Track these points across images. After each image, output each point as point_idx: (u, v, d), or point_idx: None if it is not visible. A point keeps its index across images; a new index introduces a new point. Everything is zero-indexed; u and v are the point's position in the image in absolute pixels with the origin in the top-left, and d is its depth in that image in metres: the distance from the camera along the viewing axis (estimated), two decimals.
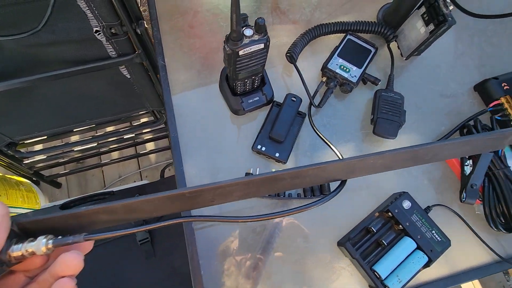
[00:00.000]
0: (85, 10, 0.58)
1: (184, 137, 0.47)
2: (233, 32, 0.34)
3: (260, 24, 0.34)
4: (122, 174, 1.24)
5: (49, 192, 1.21)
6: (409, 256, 0.40)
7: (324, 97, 0.47)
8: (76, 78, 0.74)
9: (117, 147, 1.20)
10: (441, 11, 0.44)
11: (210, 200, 0.23)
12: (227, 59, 0.38)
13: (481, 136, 0.28)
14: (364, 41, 0.51)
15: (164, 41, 0.52)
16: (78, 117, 0.89)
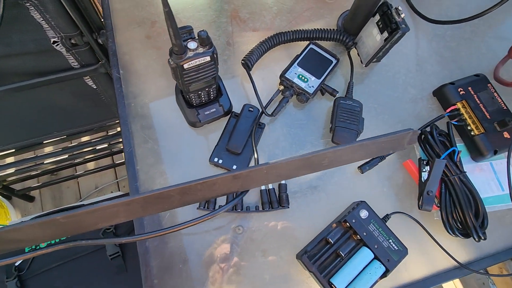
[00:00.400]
0: (40, 21, 0.56)
1: (141, 150, 0.46)
2: (174, 46, 0.33)
3: (202, 37, 0.34)
4: (98, 185, 1.21)
5: (22, 206, 1.17)
6: (367, 266, 0.39)
7: (279, 106, 0.47)
8: (40, 90, 0.72)
9: (93, 158, 1.17)
10: (393, 19, 0.44)
11: (93, 224, 0.22)
12: (173, 73, 0.37)
13: (374, 139, 0.29)
14: (327, 52, 0.51)
15: (120, 52, 0.51)
16: (45, 129, 0.86)
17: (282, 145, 0.48)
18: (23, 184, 1.14)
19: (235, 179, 0.26)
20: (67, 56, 0.65)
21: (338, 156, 0.28)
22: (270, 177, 0.28)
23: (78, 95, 0.77)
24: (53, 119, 0.82)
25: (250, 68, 0.47)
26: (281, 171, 0.27)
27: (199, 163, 0.46)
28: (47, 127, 0.85)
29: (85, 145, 1.02)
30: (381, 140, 0.29)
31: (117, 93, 0.48)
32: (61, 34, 0.60)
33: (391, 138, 0.29)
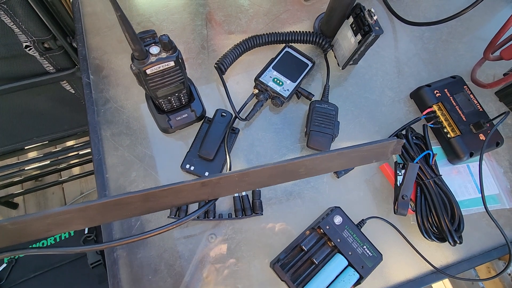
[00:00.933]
0: (11, 26, 0.55)
1: (110, 158, 0.45)
2: (134, 51, 0.32)
3: (164, 41, 0.33)
4: (84, 191, 1.19)
5: (5, 213, 1.14)
6: (340, 274, 0.38)
7: (253, 110, 0.46)
8: (16, 95, 0.70)
9: (78, 163, 1.15)
10: (366, 21, 0.43)
11: (45, 230, 0.21)
12: (137, 79, 0.36)
13: (355, 148, 0.27)
14: (302, 55, 0.50)
15: (91, 57, 0.50)
16: (24, 135, 0.84)
17: (257, 150, 0.47)
18: (6, 190, 1.11)
19: (203, 186, 0.25)
20: (41, 61, 0.63)
21: (316, 164, 0.27)
22: (242, 185, 0.26)
23: (56, 100, 0.75)
24: (32, 124, 0.80)
25: (223, 72, 0.46)
26: (254, 179, 0.26)
27: (171, 170, 0.45)
28: (26, 133, 0.83)
29: (69, 150, 1.00)
30: (363, 149, 0.27)
31: (87, 99, 0.47)
32: (33, 38, 0.58)
33: (374, 147, 0.27)
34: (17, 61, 0.62)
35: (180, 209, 0.42)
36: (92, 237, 0.76)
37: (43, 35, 0.58)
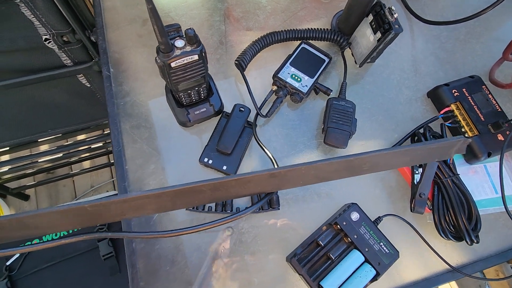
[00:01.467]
0: (31, 18, 0.56)
1: (130, 150, 0.45)
2: (160, 44, 0.32)
3: (189, 35, 0.33)
4: (94, 184, 1.21)
5: (17, 205, 1.16)
6: (357, 270, 0.39)
7: (273, 106, 0.46)
8: (33, 88, 0.71)
9: (89, 156, 1.17)
10: (386, 19, 0.43)
11: (120, 214, 0.21)
12: (160, 72, 0.36)
13: (422, 145, 0.27)
14: (319, 51, 0.50)
15: (111, 51, 0.50)
16: (39, 128, 0.85)
17: (273, 146, 0.47)
18: (19, 182, 1.13)
19: (271, 178, 0.24)
20: (59, 54, 0.64)
21: (381, 160, 0.26)
22: (306, 178, 0.26)
23: (72, 93, 0.76)
24: (47, 117, 0.82)
25: (243, 69, 0.47)
26: (319, 172, 0.25)
27: (189, 163, 0.45)
28: (41, 125, 0.84)
29: (81, 143, 1.01)
30: (430, 146, 0.27)
31: (107, 92, 0.47)
32: (53, 31, 0.59)
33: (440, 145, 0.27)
34: (36, 53, 0.63)
35: None
36: (104, 228, 0.77)
37: (63, 29, 0.59)
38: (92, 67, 0.70)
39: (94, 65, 0.69)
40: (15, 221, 0.19)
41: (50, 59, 0.65)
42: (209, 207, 0.42)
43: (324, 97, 0.50)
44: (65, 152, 1.01)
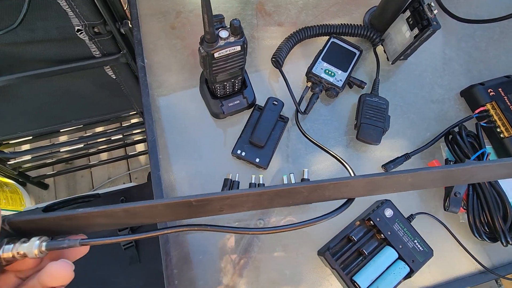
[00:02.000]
0: (66, 9, 0.57)
1: (163, 141, 0.46)
2: (206, 33, 0.33)
3: (235, 25, 0.33)
4: (111, 176, 1.22)
5: (36, 193, 1.19)
6: (390, 266, 0.38)
7: (310, 103, 0.46)
8: (60, 78, 0.72)
9: (106, 148, 1.18)
10: (425, 15, 0.43)
11: (218, 209, 0.22)
12: (202, 62, 0.36)
13: None
14: (349, 44, 0.50)
15: (145, 42, 0.51)
16: (63, 117, 0.87)
17: (305, 140, 0.47)
18: (38, 171, 1.15)
19: (368, 184, 0.24)
20: (89, 45, 0.65)
21: (480, 173, 0.25)
22: (402, 185, 0.25)
23: (98, 84, 0.78)
24: (72, 107, 0.83)
25: (281, 65, 0.46)
26: (416, 181, 0.24)
27: (221, 154, 0.46)
28: (66, 116, 0.86)
29: (101, 135, 1.03)
30: None
31: (141, 82, 0.48)
32: (85, 22, 0.60)
33: None
34: (68, 44, 0.64)
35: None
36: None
37: (95, 20, 0.60)
38: (119, 59, 0.71)
39: (121, 57, 0.70)
40: (127, 210, 0.20)
41: (80, 50, 0.66)
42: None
43: (355, 91, 0.50)
44: (86, 143, 1.03)
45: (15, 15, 0.54)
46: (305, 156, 0.46)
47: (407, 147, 0.48)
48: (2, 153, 0.90)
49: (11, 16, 0.54)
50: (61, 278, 0.19)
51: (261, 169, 0.45)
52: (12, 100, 0.74)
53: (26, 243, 0.19)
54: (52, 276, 0.19)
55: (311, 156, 0.46)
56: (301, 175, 0.44)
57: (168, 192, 0.44)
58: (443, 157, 0.46)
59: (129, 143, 1.21)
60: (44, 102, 0.78)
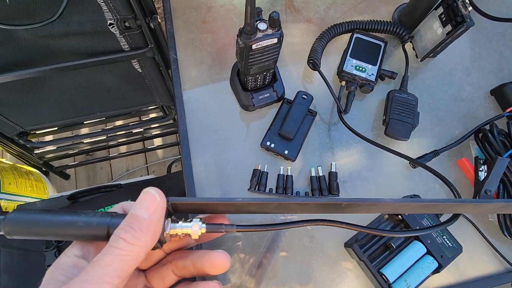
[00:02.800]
0: (100, 3, 0.59)
1: (193, 132, 0.47)
2: (247, 25, 0.34)
3: (274, 18, 0.34)
4: (129, 168, 1.25)
5: (58, 183, 1.23)
6: (418, 261, 0.39)
7: (348, 101, 0.46)
8: (89, 70, 0.75)
9: (126, 141, 1.21)
10: (459, 12, 0.43)
11: (356, 210, 0.25)
12: (239, 53, 0.37)
13: None
14: (372, 37, 0.50)
15: (177, 36, 0.52)
16: (89, 109, 0.90)
17: (332, 135, 0.47)
18: (60, 162, 1.19)
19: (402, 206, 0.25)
20: (119, 39, 0.67)
21: None
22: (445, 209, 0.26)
23: (124, 77, 0.80)
24: (98, 99, 0.86)
25: (318, 66, 0.47)
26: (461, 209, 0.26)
27: (248, 146, 0.47)
28: (91, 108, 0.88)
29: (122, 128, 1.06)
30: None
31: (174, 74, 0.49)
32: (117, 17, 0.62)
33: None
34: (99, 37, 0.66)
35: (259, 183, 0.44)
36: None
37: (127, 14, 0.62)
38: (146, 53, 0.73)
39: (148, 51, 0.72)
40: (280, 204, 0.21)
41: (110, 44, 0.68)
42: (270, 189, 0.44)
43: (380, 88, 0.50)
44: (109, 135, 1.06)
45: (53, 9, 0.56)
46: (332, 150, 0.47)
47: (435, 144, 0.47)
48: (29, 142, 0.94)
49: (50, 9, 0.57)
50: (222, 269, 0.21)
51: (289, 161, 0.45)
52: (44, 91, 0.77)
53: (188, 223, 0.21)
54: (215, 265, 0.21)
55: (338, 150, 0.47)
56: (328, 168, 0.45)
57: (196, 180, 0.45)
58: (472, 155, 0.46)
59: (147, 137, 1.24)
60: (73, 94, 0.81)
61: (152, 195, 0.19)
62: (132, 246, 0.17)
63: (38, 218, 0.19)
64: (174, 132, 1.22)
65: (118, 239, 0.18)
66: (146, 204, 0.19)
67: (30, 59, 0.69)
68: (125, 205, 0.23)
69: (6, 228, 0.19)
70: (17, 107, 0.81)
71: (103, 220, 0.19)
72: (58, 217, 0.19)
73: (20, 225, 0.19)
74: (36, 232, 0.19)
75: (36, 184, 1.04)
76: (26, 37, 0.64)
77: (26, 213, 0.19)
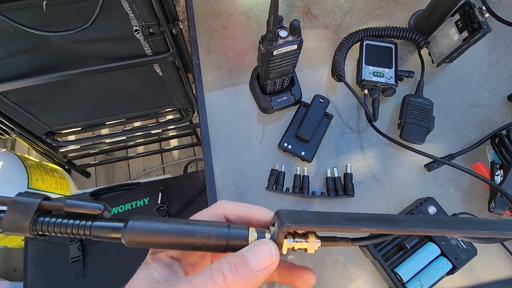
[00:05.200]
0: (128, 11, 0.63)
1: (212, 133, 0.50)
2: (269, 32, 0.36)
3: (295, 25, 0.36)
4: (146, 168, 1.30)
5: (79, 180, 1.28)
6: (433, 262, 0.39)
7: (375, 108, 0.48)
8: (113, 74, 0.79)
9: (143, 142, 1.26)
10: (476, 18, 0.44)
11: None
12: (261, 58, 0.40)
13: None
14: (381, 41, 0.51)
15: (199, 41, 0.55)
16: (111, 111, 0.94)
17: (348, 137, 0.49)
18: (82, 161, 1.25)
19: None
20: (143, 44, 0.71)
21: None
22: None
23: (145, 80, 0.84)
24: (120, 101, 0.90)
25: (344, 77, 0.48)
26: None
27: (267, 147, 0.49)
28: (114, 109, 0.93)
29: (141, 129, 1.10)
30: None
31: (196, 77, 0.52)
32: (143, 23, 0.66)
33: None
34: (125, 42, 0.70)
35: (277, 182, 0.45)
36: (164, 207, 0.83)
37: (151, 21, 0.65)
38: (167, 57, 0.76)
39: (170, 55, 0.76)
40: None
41: (135, 49, 0.72)
42: (287, 188, 0.45)
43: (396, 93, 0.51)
44: (129, 135, 1.10)
45: (84, 16, 0.60)
46: (347, 152, 0.48)
47: (450, 148, 0.48)
48: (56, 141, 0.99)
49: (82, 17, 0.61)
50: (309, 286, 0.21)
51: (305, 162, 0.47)
52: (72, 93, 0.82)
53: (305, 239, 0.19)
54: (306, 282, 0.21)
55: (354, 152, 0.48)
56: (343, 170, 0.46)
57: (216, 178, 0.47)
58: (488, 159, 0.46)
59: (164, 138, 1.28)
60: (98, 96, 0.86)
61: (270, 251, 0.18)
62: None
63: (157, 227, 0.19)
64: (189, 134, 1.26)
65: (220, 274, 0.17)
66: (260, 257, 0.18)
67: (61, 63, 0.73)
68: (226, 211, 0.22)
69: (126, 238, 0.18)
70: (47, 108, 0.86)
71: (221, 231, 0.19)
72: (176, 226, 0.19)
73: (140, 234, 0.18)
74: (154, 243, 0.19)
75: (60, 181, 1.10)
76: (59, 43, 0.68)
77: (145, 222, 0.19)
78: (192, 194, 0.86)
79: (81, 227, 0.19)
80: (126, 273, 0.60)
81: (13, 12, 0.59)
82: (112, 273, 0.80)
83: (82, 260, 0.80)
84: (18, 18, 0.59)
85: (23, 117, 0.86)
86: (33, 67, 0.73)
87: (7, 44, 0.67)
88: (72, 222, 0.20)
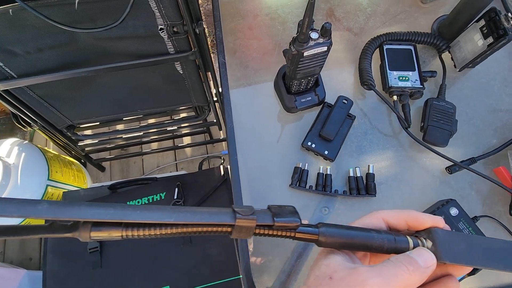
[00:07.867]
0: (154, 10, 0.65)
1: (236, 130, 0.51)
2: (301, 34, 0.37)
3: (327, 28, 0.37)
4: (160, 164, 1.32)
5: (94, 174, 1.31)
6: None
7: (406, 114, 0.49)
8: (135, 71, 0.81)
9: (157, 138, 1.28)
10: (501, 24, 0.44)
11: None
12: (290, 59, 0.41)
13: None
14: (400, 44, 0.52)
15: (225, 41, 0.57)
16: (131, 106, 0.96)
17: (369, 138, 0.50)
18: (98, 155, 1.28)
19: None
20: (167, 42, 0.73)
21: None
22: None
23: (165, 78, 0.86)
24: (140, 98, 0.92)
25: (374, 86, 0.49)
26: None
27: (290, 146, 0.50)
28: (133, 105, 0.95)
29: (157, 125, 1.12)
30: None
31: (222, 76, 0.54)
32: (168, 22, 0.67)
33: None
34: (149, 40, 0.72)
35: (300, 179, 0.47)
36: (180, 202, 0.85)
37: (176, 20, 0.67)
38: (189, 56, 0.78)
39: (191, 54, 0.77)
40: None
41: (158, 47, 0.74)
42: (310, 186, 0.47)
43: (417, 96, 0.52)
44: (144, 131, 1.12)
45: (112, 14, 0.63)
46: (369, 153, 0.49)
47: (472, 152, 0.49)
48: (75, 135, 1.02)
49: (110, 15, 0.63)
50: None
51: (328, 161, 0.48)
52: (94, 88, 0.85)
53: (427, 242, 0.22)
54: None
55: (376, 153, 0.49)
56: (366, 170, 0.47)
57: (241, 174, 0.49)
58: (510, 164, 0.47)
59: (178, 135, 1.30)
60: (119, 92, 0.88)
61: (430, 255, 0.21)
62: (409, 275, 0.20)
63: (346, 233, 0.23)
64: (203, 131, 1.28)
65: (402, 265, 0.20)
66: (425, 258, 0.21)
67: (86, 59, 0.76)
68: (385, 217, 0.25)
69: (321, 239, 0.22)
70: (69, 102, 0.89)
71: (391, 238, 0.23)
72: (361, 233, 0.23)
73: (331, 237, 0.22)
74: (345, 244, 0.22)
75: (77, 174, 1.13)
76: (86, 39, 0.71)
77: (333, 228, 0.23)
78: (208, 191, 0.88)
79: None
80: (141, 266, 0.62)
81: (45, 9, 0.61)
82: (128, 265, 0.82)
83: (100, 251, 0.82)
84: (50, 14, 0.62)
85: (47, 110, 0.89)
86: (59, 62, 0.75)
87: (37, 39, 0.69)
88: None
